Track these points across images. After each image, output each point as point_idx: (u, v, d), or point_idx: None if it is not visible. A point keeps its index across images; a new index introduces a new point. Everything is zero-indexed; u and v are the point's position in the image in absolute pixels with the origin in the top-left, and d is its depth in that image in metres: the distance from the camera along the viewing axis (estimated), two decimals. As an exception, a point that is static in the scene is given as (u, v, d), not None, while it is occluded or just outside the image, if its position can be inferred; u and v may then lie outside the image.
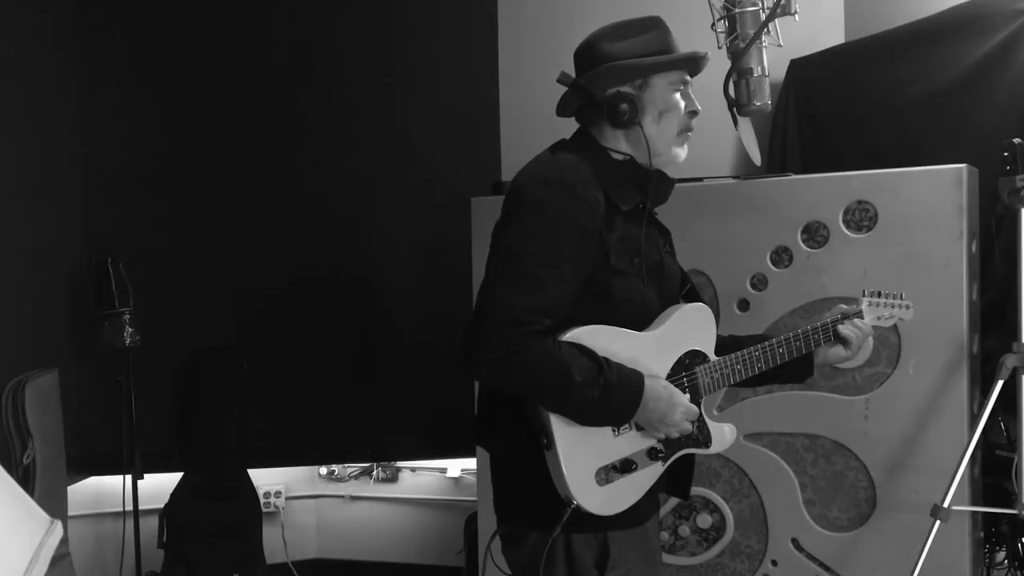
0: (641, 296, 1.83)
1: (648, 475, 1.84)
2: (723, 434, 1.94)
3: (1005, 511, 2.74)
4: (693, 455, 1.93)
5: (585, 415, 1.74)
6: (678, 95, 1.88)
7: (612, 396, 1.72)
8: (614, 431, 1.79)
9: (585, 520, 1.76)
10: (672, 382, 1.83)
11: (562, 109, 1.95)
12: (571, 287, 1.74)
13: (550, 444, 1.74)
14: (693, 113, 1.90)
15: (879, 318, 2.12)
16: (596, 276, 1.77)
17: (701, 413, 1.88)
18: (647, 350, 1.82)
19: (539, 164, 1.85)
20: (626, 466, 1.80)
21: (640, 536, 1.88)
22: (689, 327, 1.89)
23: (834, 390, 2.88)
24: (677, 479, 1.94)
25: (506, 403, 1.80)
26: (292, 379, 4.06)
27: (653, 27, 1.89)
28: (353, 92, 4.09)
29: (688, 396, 1.84)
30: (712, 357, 1.91)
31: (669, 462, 1.87)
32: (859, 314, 2.07)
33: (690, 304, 1.93)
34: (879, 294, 2.12)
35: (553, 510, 1.75)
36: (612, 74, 1.85)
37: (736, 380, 1.93)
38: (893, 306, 2.13)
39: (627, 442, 1.81)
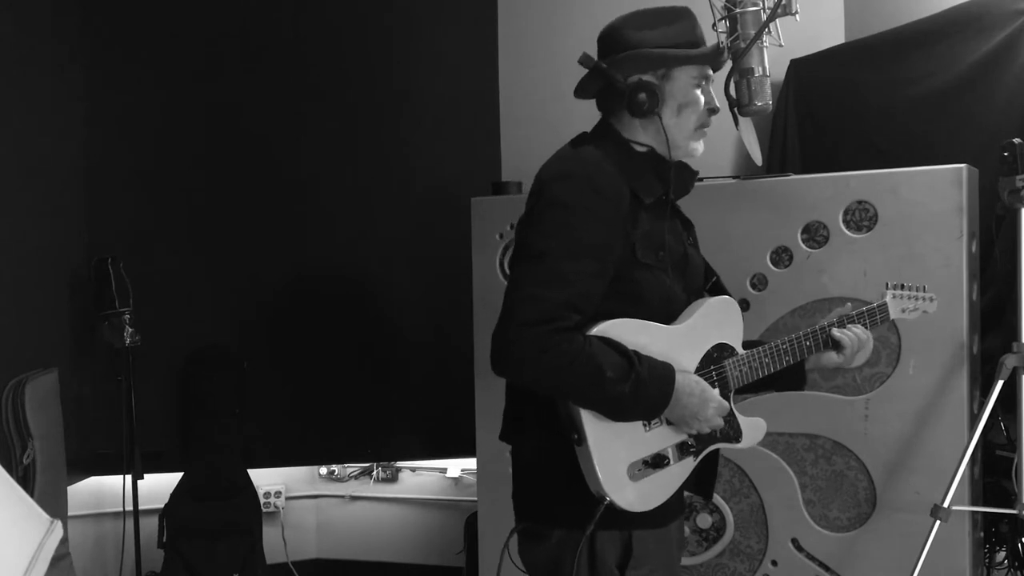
0: (667, 290, 1.83)
1: (680, 470, 1.83)
2: (753, 428, 1.93)
3: (1005, 511, 2.74)
4: (717, 454, 1.92)
5: (617, 410, 1.73)
6: (698, 91, 1.87)
7: (644, 390, 1.71)
8: (645, 426, 1.78)
9: (612, 517, 1.75)
10: (701, 376, 1.82)
11: (580, 91, 1.93)
12: (597, 282, 1.73)
13: (581, 440, 1.72)
14: (712, 110, 1.89)
15: (903, 310, 2.10)
16: (622, 271, 1.76)
17: (732, 408, 1.88)
18: (675, 344, 1.80)
19: (561, 159, 1.84)
20: (658, 461, 1.78)
21: (663, 537, 1.86)
22: (716, 320, 1.88)
23: (834, 390, 2.88)
24: (702, 478, 1.93)
25: (535, 401, 1.79)
26: (292, 379, 4.05)
27: (681, 18, 1.88)
28: (354, 92, 4.09)
29: (717, 390, 1.83)
30: (740, 350, 1.90)
31: (700, 456, 1.86)
32: (884, 307, 2.06)
33: (716, 297, 1.92)
34: (902, 286, 2.11)
35: (579, 506, 1.74)
36: (635, 61, 1.83)
37: (764, 373, 1.91)
38: (917, 298, 2.12)
39: (658, 437, 1.79)
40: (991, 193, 2.78)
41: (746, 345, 1.94)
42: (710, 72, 1.90)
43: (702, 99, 1.87)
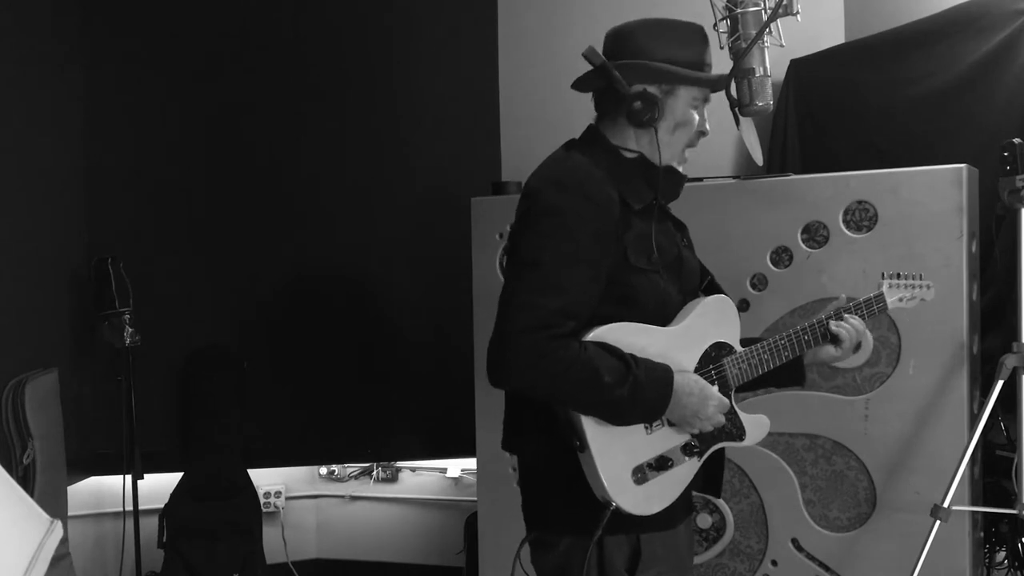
0: (662, 292, 1.83)
1: (685, 471, 1.83)
2: (756, 425, 1.93)
3: (1005, 511, 2.74)
4: (723, 451, 1.92)
5: (616, 414, 1.72)
6: (695, 111, 1.87)
7: (642, 393, 1.71)
8: (647, 428, 1.78)
9: (619, 521, 1.74)
10: (700, 375, 1.82)
11: (580, 85, 1.92)
12: (592, 289, 1.73)
13: (583, 446, 1.72)
14: (702, 133, 1.90)
15: (901, 299, 2.10)
16: (616, 275, 1.76)
17: (733, 405, 1.87)
18: (673, 345, 1.80)
19: (552, 166, 1.84)
20: (662, 463, 1.78)
21: (671, 539, 1.86)
22: (712, 319, 1.88)
23: (834, 390, 2.88)
24: (709, 476, 1.93)
25: (533, 407, 1.79)
26: (292, 379, 4.06)
27: (696, 40, 1.88)
28: (354, 92, 4.09)
29: (717, 388, 1.83)
30: (738, 348, 1.90)
31: (704, 457, 1.86)
32: (880, 297, 2.06)
33: (711, 296, 1.92)
34: (898, 276, 2.10)
35: (587, 513, 1.73)
36: (643, 71, 1.83)
37: (763, 370, 1.91)
38: (914, 287, 2.11)
39: (661, 439, 1.79)
40: (991, 193, 2.78)
41: (744, 343, 1.93)
42: (709, 95, 1.90)
43: (696, 120, 1.88)
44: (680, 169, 1.91)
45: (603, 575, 1.77)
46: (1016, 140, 2.62)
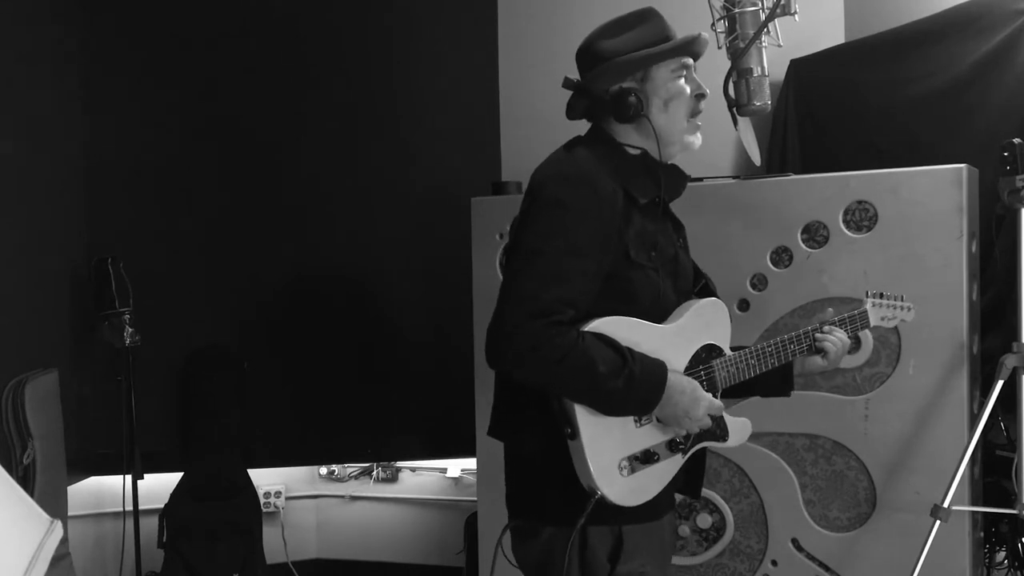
0: (659, 289, 1.85)
1: (669, 466, 1.85)
2: (740, 428, 1.97)
3: (1005, 511, 2.74)
4: (704, 454, 1.95)
5: (609, 405, 1.75)
6: (681, 81, 1.89)
7: (636, 386, 1.73)
8: (636, 422, 1.80)
9: (602, 512, 1.76)
10: (689, 375, 1.85)
11: (571, 112, 1.96)
12: (592, 282, 1.75)
13: (574, 434, 1.74)
14: (700, 96, 1.91)
15: (883, 319, 2.16)
16: (615, 270, 1.79)
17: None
18: (666, 343, 1.83)
19: (557, 161, 1.86)
20: (648, 457, 1.81)
21: (655, 531, 1.89)
22: (706, 321, 1.91)
23: (834, 390, 2.88)
24: (689, 477, 1.95)
25: (523, 395, 1.81)
26: (292, 379, 4.06)
27: (647, 19, 1.91)
28: (354, 92, 4.09)
29: (706, 390, 1.85)
30: (727, 351, 1.93)
31: (689, 453, 1.88)
32: (864, 314, 2.11)
33: (706, 299, 1.95)
34: (881, 295, 2.15)
35: (571, 503, 1.75)
36: (612, 71, 1.86)
37: (751, 374, 1.94)
38: (895, 307, 2.17)
39: (648, 433, 1.82)
40: (991, 193, 2.78)
41: (733, 350, 1.96)
42: (690, 61, 1.91)
43: (687, 88, 1.89)
44: (694, 140, 1.91)
45: (584, 565, 1.80)
46: (1016, 140, 2.62)
